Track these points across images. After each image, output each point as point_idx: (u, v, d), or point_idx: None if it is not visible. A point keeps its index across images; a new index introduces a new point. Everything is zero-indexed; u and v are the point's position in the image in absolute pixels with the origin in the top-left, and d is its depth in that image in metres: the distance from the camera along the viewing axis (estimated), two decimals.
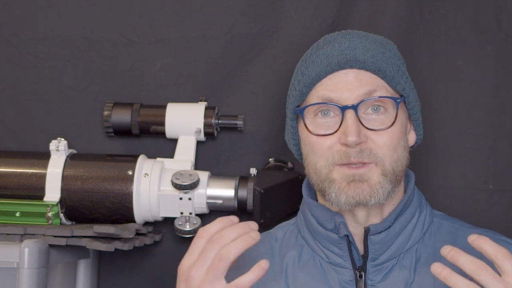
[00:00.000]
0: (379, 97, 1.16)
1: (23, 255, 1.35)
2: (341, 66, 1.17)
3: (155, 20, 1.63)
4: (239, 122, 1.58)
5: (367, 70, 1.17)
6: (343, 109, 1.14)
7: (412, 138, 1.24)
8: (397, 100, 1.17)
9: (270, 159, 1.60)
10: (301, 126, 1.21)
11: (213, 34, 1.61)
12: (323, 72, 1.17)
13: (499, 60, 1.54)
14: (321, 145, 1.16)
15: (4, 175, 1.53)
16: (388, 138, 1.15)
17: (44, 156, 1.54)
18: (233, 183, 1.54)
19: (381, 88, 1.17)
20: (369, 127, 1.15)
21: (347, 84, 1.16)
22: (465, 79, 1.55)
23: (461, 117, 1.55)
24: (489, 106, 1.54)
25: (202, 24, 1.62)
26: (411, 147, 1.23)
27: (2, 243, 1.40)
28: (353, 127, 1.13)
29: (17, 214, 1.51)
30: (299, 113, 1.19)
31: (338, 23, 1.58)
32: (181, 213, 1.53)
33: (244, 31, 1.61)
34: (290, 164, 1.60)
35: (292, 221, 1.31)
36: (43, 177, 1.52)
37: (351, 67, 1.17)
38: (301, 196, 1.56)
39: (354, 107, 1.14)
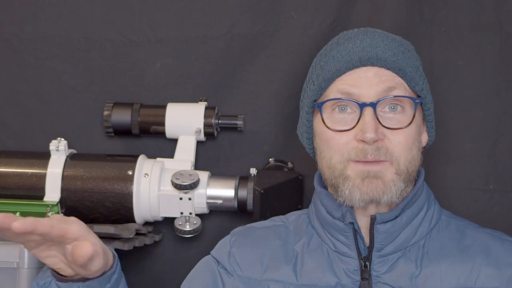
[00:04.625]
0: (399, 96, 1.17)
1: (23, 255, 1.35)
2: (362, 63, 1.18)
3: (155, 20, 1.63)
4: (239, 122, 1.58)
5: (387, 68, 1.18)
6: (362, 106, 1.15)
7: (424, 139, 1.25)
8: (416, 101, 1.18)
9: (270, 159, 1.61)
10: (317, 121, 1.22)
11: (213, 34, 1.61)
12: (343, 68, 1.18)
13: (500, 60, 1.54)
14: (337, 140, 1.17)
15: (4, 175, 1.53)
16: (404, 138, 1.16)
17: (44, 156, 1.54)
18: (233, 183, 1.54)
19: (400, 86, 1.18)
20: (386, 125, 1.16)
21: (366, 80, 1.17)
22: (466, 79, 1.55)
23: (461, 117, 1.55)
24: (490, 106, 1.54)
25: (202, 24, 1.62)
26: (423, 148, 1.24)
27: (2, 243, 1.40)
28: (371, 124, 1.14)
29: (17, 214, 1.51)
30: (317, 107, 1.20)
31: (338, 23, 1.58)
32: (181, 213, 1.53)
33: (244, 31, 1.61)
34: (290, 164, 1.60)
35: (304, 210, 1.33)
36: (43, 177, 1.52)
37: (372, 64, 1.18)
38: (301, 196, 1.58)
39: (373, 105, 1.15)
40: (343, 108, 1.18)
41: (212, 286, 1.27)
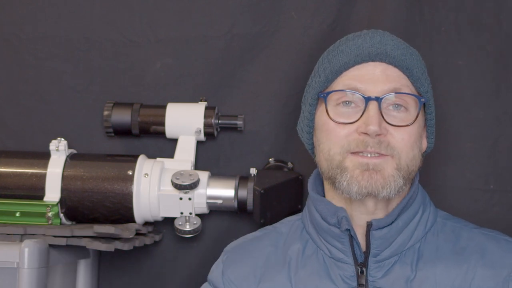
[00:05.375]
0: (404, 93, 1.17)
1: (23, 255, 1.35)
2: (371, 58, 1.18)
3: (155, 20, 1.63)
4: (239, 122, 1.58)
5: (395, 66, 1.18)
6: (367, 99, 1.15)
7: (423, 145, 1.25)
8: (421, 100, 1.19)
9: (270, 159, 1.61)
10: (319, 113, 1.22)
11: (213, 34, 1.61)
12: (352, 61, 1.18)
13: (500, 60, 1.54)
14: (338, 132, 1.17)
15: (4, 175, 1.53)
16: (407, 135, 1.16)
17: (44, 156, 1.54)
18: (233, 183, 1.54)
19: (406, 88, 1.18)
20: (390, 122, 1.16)
21: (373, 77, 1.17)
22: (466, 79, 1.55)
23: (461, 117, 1.55)
24: (490, 106, 1.54)
25: (202, 24, 1.62)
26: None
27: (2, 243, 1.40)
28: (375, 117, 1.14)
29: (17, 214, 1.51)
30: (322, 97, 1.20)
31: (338, 23, 1.58)
32: (181, 213, 1.53)
33: (244, 31, 1.61)
34: (290, 164, 1.60)
35: (298, 216, 1.32)
36: (43, 177, 1.52)
37: (381, 60, 1.18)
38: (301, 196, 1.58)
39: (378, 99, 1.15)
40: (347, 103, 1.18)
41: None
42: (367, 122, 1.14)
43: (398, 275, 1.17)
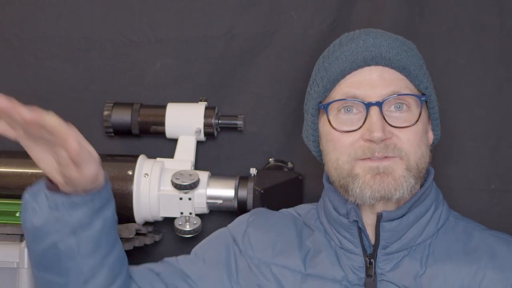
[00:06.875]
0: (404, 94, 1.17)
1: (23, 255, 1.35)
2: (366, 63, 1.17)
3: (155, 20, 1.63)
4: (239, 122, 1.58)
5: (392, 67, 1.18)
6: (368, 105, 1.15)
7: (430, 137, 1.25)
8: (422, 98, 1.18)
9: (270, 159, 1.60)
10: (322, 122, 1.22)
11: (213, 34, 1.61)
12: (348, 69, 1.18)
13: (501, 59, 1.54)
14: (343, 141, 1.17)
15: (4, 175, 1.54)
16: (412, 135, 1.16)
17: None
18: (233, 183, 1.54)
19: (405, 89, 1.18)
20: (393, 124, 1.16)
21: (371, 82, 1.17)
22: (467, 78, 1.55)
23: (463, 116, 1.55)
24: (491, 105, 1.54)
25: (202, 24, 1.62)
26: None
27: (2, 243, 1.40)
28: (378, 123, 1.14)
29: (17, 214, 1.51)
30: (323, 109, 1.20)
31: (338, 23, 1.58)
32: (181, 213, 1.53)
33: (244, 31, 1.61)
34: (290, 164, 1.60)
35: (314, 204, 1.33)
36: (43, 177, 1.51)
37: (376, 64, 1.17)
38: (301, 196, 1.58)
39: (379, 104, 1.15)
40: (348, 109, 1.17)
41: (225, 262, 1.27)
42: (371, 129, 1.14)
43: (407, 269, 1.18)
